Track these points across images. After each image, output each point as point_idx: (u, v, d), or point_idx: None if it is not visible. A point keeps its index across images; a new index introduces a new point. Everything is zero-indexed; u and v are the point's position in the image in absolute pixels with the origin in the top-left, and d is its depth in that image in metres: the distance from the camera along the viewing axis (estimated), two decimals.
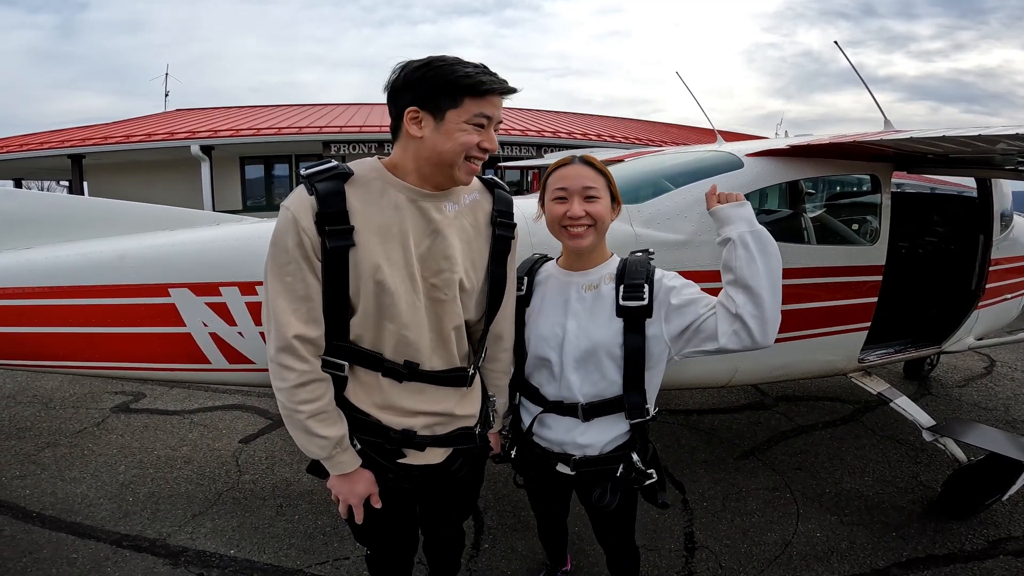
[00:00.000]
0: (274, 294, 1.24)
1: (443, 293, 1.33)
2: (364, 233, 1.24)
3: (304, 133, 13.99)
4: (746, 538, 2.52)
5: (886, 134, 2.35)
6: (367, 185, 1.27)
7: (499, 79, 1.25)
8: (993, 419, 3.83)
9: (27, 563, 2.27)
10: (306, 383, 1.26)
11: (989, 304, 3.35)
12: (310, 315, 1.25)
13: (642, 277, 1.48)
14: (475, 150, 1.27)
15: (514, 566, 2.34)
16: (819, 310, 2.63)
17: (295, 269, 1.22)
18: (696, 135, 18.29)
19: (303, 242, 1.21)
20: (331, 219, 1.21)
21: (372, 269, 1.24)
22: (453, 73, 1.21)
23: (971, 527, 2.60)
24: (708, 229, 2.40)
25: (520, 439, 1.69)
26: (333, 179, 1.24)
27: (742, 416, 3.84)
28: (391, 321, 1.29)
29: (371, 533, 1.58)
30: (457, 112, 1.23)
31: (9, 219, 2.13)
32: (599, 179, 1.50)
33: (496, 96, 1.26)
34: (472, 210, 1.40)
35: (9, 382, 4.26)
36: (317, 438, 1.29)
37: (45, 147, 13.24)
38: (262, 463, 3.13)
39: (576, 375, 1.53)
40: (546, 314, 1.57)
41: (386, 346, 1.32)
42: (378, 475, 1.41)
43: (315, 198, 1.21)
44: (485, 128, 1.26)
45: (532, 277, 1.64)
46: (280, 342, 1.24)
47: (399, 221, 1.27)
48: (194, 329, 2.01)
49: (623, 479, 1.58)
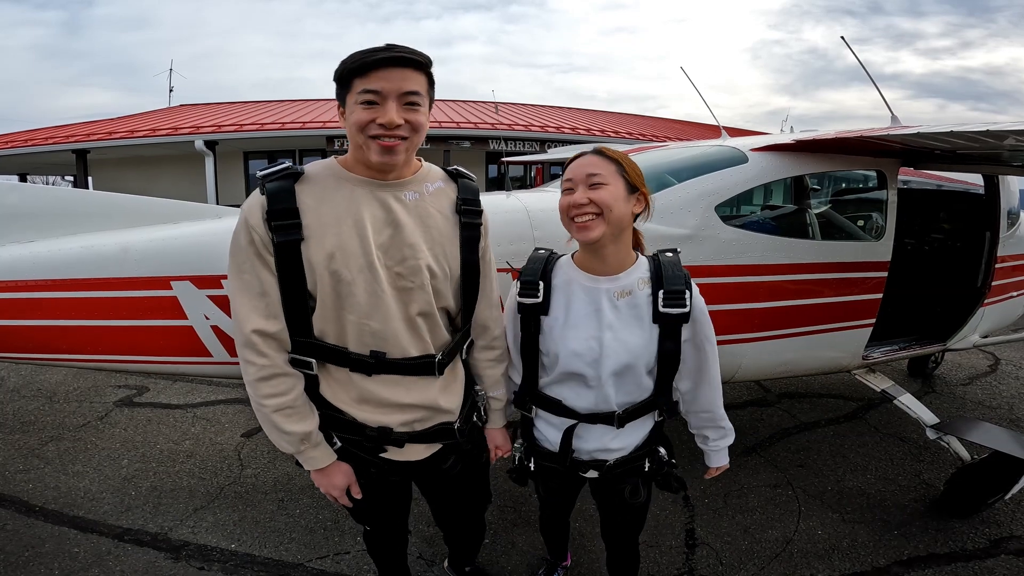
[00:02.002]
0: (234, 291, 1.28)
1: (409, 280, 1.32)
2: (315, 227, 1.25)
3: (307, 128, 13.96)
4: (747, 535, 2.51)
5: (893, 129, 2.33)
6: (319, 182, 1.29)
7: (386, 52, 1.19)
8: (997, 417, 3.81)
9: (30, 557, 2.28)
10: (268, 377, 1.29)
11: (995, 302, 3.33)
12: (268, 311, 1.27)
13: (682, 283, 1.43)
14: (373, 128, 1.22)
15: (514, 561, 2.34)
16: (824, 306, 2.61)
17: (250, 267, 1.25)
18: (700, 131, 18.22)
19: (254, 240, 1.23)
20: (279, 215, 1.23)
21: (325, 260, 1.25)
22: (344, 62, 1.22)
23: (973, 526, 2.59)
24: (712, 223, 2.40)
25: (538, 451, 1.63)
26: (284, 179, 1.26)
27: (744, 412, 3.83)
28: (351, 312, 1.29)
29: (364, 515, 1.64)
30: (350, 95, 1.23)
31: (13, 212, 2.13)
32: (607, 165, 1.41)
33: (384, 69, 1.19)
34: (436, 198, 1.39)
35: (14, 376, 4.28)
36: (284, 433, 1.31)
37: (50, 142, 13.25)
38: (264, 457, 3.14)
39: (613, 388, 1.48)
40: (577, 327, 1.46)
41: (350, 339, 1.32)
42: (361, 469, 1.43)
43: (265, 197, 1.23)
44: (379, 104, 1.20)
45: (548, 280, 1.50)
46: (241, 337, 1.28)
47: (353, 212, 1.27)
48: (196, 322, 2.01)
49: (650, 473, 1.59)
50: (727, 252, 2.38)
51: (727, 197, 2.46)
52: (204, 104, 19.92)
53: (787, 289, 2.52)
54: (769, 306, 2.49)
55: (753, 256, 2.42)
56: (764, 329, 2.51)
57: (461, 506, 1.75)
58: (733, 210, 3.08)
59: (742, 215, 3.16)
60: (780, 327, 2.54)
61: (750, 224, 2.72)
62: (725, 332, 2.43)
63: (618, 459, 1.56)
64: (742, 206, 4.27)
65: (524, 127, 15.42)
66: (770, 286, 2.48)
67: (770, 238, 2.48)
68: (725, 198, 2.45)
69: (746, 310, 2.45)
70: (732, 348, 2.47)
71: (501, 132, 14.52)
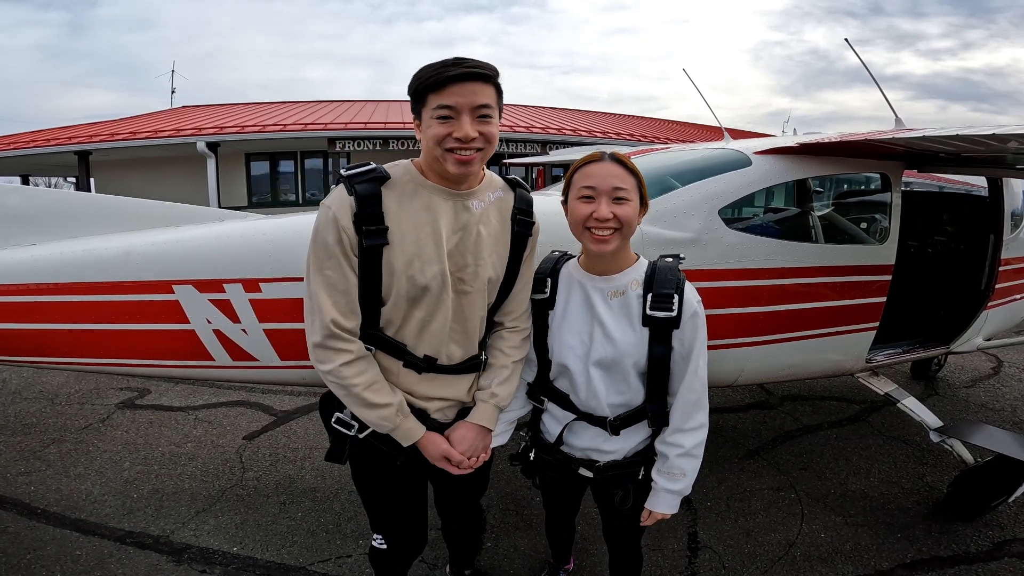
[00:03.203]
0: (316, 286, 1.33)
1: (469, 286, 1.42)
2: (398, 232, 1.33)
3: (309, 130, 13.98)
4: (750, 538, 2.51)
5: (897, 132, 2.32)
6: (401, 187, 1.36)
7: (457, 68, 1.25)
8: (1000, 420, 3.80)
9: (31, 560, 2.28)
10: (350, 362, 1.35)
11: (998, 304, 3.32)
12: (348, 306, 1.34)
13: (672, 287, 1.42)
14: (450, 141, 1.28)
15: (516, 564, 2.34)
16: (827, 310, 2.61)
17: (335, 264, 1.31)
18: (702, 132, 18.21)
19: (342, 239, 1.30)
20: (368, 219, 1.30)
21: (405, 265, 1.33)
22: (418, 77, 1.29)
23: (976, 529, 2.58)
24: (715, 227, 2.39)
25: (539, 443, 1.67)
26: (371, 181, 1.33)
27: (747, 415, 3.82)
28: (419, 310, 1.38)
29: (387, 515, 1.65)
30: (426, 110, 1.30)
31: (15, 215, 2.13)
32: (630, 179, 1.40)
33: (457, 84, 1.26)
34: (497, 207, 1.47)
35: (15, 378, 4.28)
36: (380, 407, 1.38)
37: (52, 143, 13.27)
38: (266, 460, 3.14)
39: (602, 384, 1.50)
40: (571, 321, 1.52)
41: (409, 334, 1.41)
42: (386, 462, 1.49)
43: (354, 199, 1.30)
44: (454, 119, 1.27)
45: (556, 278, 1.56)
46: (324, 330, 1.32)
47: (431, 220, 1.35)
48: (198, 326, 2.00)
49: (644, 482, 1.58)
50: (730, 256, 2.37)
51: (731, 201, 2.45)
52: (206, 105, 19.94)
53: (791, 293, 2.51)
54: (773, 310, 2.48)
55: (756, 260, 2.41)
56: (768, 333, 2.50)
57: (464, 491, 1.80)
58: (736, 213, 3.07)
59: (745, 218, 3.16)
60: (784, 331, 2.53)
61: (753, 227, 2.71)
62: (729, 336, 2.43)
63: (610, 461, 1.57)
64: (745, 209, 4.27)
65: (525, 128, 15.42)
66: (773, 290, 2.47)
67: (774, 242, 2.47)
68: (728, 201, 2.44)
69: (750, 314, 2.44)
70: (736, 352, 2.47)
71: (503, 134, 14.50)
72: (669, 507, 1.54)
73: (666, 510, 1.55)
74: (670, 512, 1.55)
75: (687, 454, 1.49)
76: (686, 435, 1.48)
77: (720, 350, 2.40)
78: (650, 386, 1.49)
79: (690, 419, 1.48)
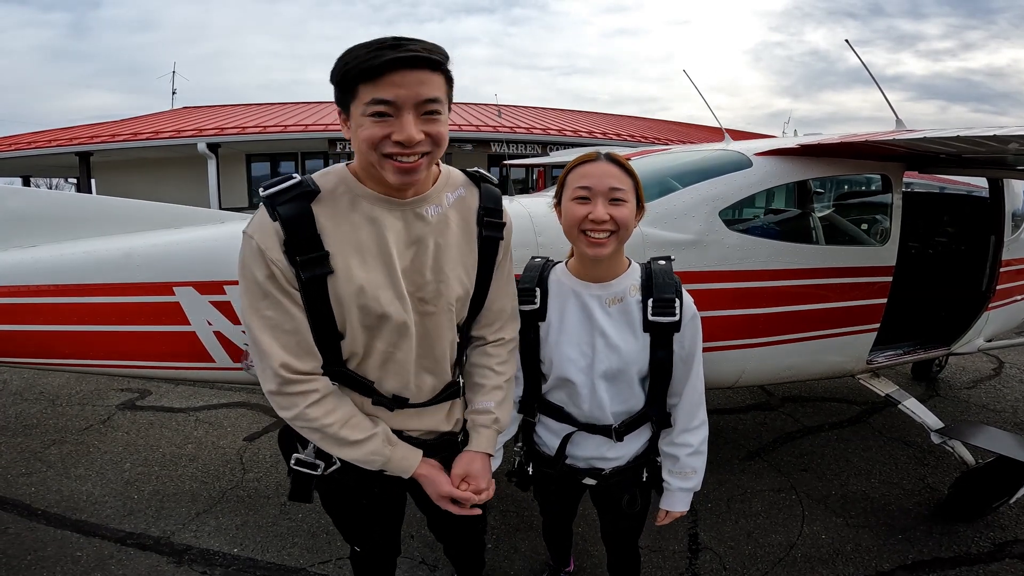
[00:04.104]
0: (256, 330, 1.12)
1: (432, 306, 1.21)
2: (340, 256, 1.10)
3: (310, 131, 13.99)
4: (750, 540, 2.50)
5: (898, 134, 2.32)
6: (335, 201, 1.12)
7: (396, 51, 0.98)
8: (1001, 421, 3.79)
9: (32, 561, 2.28)
10: (316, 401, 1.16)
11: (999, 305, 3.32)
12: (300, 347, 1.13)
13: (672, 292, 1.39)
14: (388, 145, 1.04)
15: (517, 566, 2.33)
16: (828, 311, 2.61)
17: (272, 304, 1.10)
18: (703, 133, 18.21)
19: (274, 274, 1.08)
20: (301, 247, 1.07)
21: (354, 295, 1.12)
22: (344, 61, 1.02)
23: (977, 530, 2.58)
24: (716, 228, 2.39)
25: (537, 457, 1.62)
26: (296, 200, 1.08)
27: (748, 417, 3.82)
28: (380, 341, 1.19)
29: (359, 535, 1.58)
30: (356, 104, 1.03)
31: (15, 217, 2.14)
32: (627, 180, 1.34)
33: (396, 73, 0.99)
34: (458, 209, 1.24)
35: (16, 379, 4.28)
36: (363, 443, 1.19)
37: (53, 144, 13.30)
38: (266, 461, 3.14)
39: (608, 395, 1.46)
40: (569, 333, 1.44)
41: (370, 368, 1.22)
42: (363, 488, 1.35)
43: (279, 224, 1.07)
44: (392, 116, 1.02)
45: (544, 287, 1.47)
46: (276, 378, 1.12)
47: (377, 236, 1.13)
48: (198, 327, 2.01)
49: (648, 483, 1.58)
50: (731, 257, 2.38)
51: (731, 202, 2.45)
52: (207, 107, 19.97)
53: (791, 294, 2.51)
54: (773, 311, 2.48)
55: (757, 261, 2.41)
56: (768, 334, 2.50)
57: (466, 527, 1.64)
58: (737, 215, 3.07)
59: (746, 220, 3.16)
60: (784, 332, 2.53)
61: (754, 229, 2.71)
62: (730, 337, 2.43)
63: (615, 468, 1.56)
64: (746, 211, 4.26)
65: (526, 129, 15.44)
66: (774, 291, 2.47)
67: (774, 243, 2.47)
68: (729, 203, 2.44)
69: (750, 315, 2.44)
70: (736, 353, 2.47)
71: (503, 135, 14.53)
72: (684, 505, 1.56)
73: (683, 508, 1.56)
74: (686, 510, 1.57)
75: (696, 452, 1.51)
76: (692, 433, 1.50)
77: (721, 352, 2.40)
78: (652, 390, 1.48)
79: (695, 417, 1.50)
